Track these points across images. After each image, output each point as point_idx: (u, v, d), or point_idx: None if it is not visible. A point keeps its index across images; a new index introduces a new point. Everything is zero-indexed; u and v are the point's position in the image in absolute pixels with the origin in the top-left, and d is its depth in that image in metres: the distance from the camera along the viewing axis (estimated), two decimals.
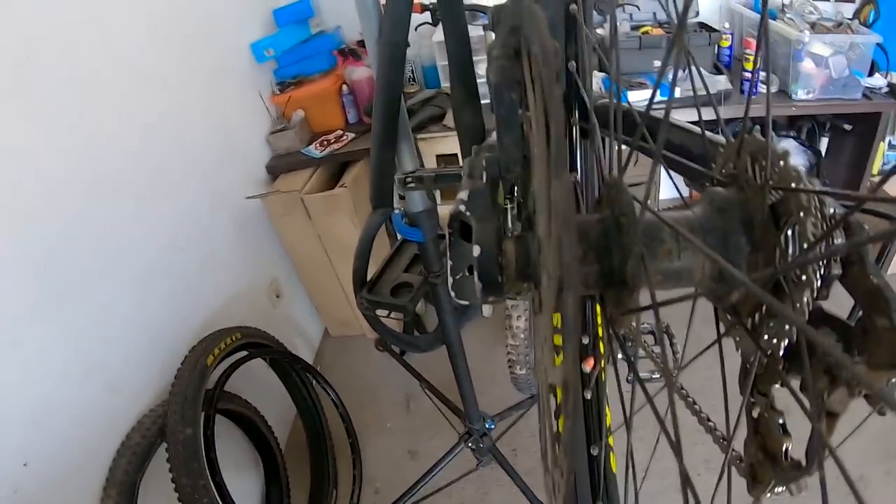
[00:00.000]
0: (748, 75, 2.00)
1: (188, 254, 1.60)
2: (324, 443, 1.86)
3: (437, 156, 1.95)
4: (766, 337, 0.31)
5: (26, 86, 1.15)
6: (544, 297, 0.30)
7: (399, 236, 1.16)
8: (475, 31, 1.89)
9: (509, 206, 0.43)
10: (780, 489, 0.33)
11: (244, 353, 1.61)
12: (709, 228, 0.32)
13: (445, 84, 2.17)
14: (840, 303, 0.30)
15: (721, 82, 1.99)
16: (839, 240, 0.28)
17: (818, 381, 0.30)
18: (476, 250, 0.34)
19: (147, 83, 1.52)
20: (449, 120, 1.99)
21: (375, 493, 1.82)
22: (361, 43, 2.25)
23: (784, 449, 0.32)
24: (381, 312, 1.17)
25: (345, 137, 2.12)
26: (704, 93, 0.47)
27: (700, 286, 0.33)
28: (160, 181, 1.52)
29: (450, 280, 0.37)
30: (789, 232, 0.29)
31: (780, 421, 0.33)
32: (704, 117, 0.44)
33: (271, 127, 2.17)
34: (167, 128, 1.58)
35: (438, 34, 2.08)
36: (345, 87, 2.19)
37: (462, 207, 0.35)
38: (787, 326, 0.29)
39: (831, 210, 0.28)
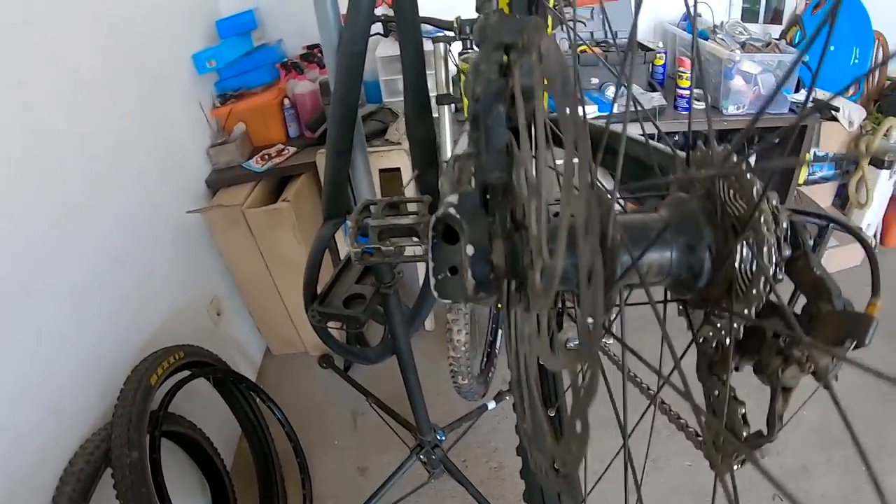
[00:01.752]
0: (682, 92, 2.08)
1: (126, 269, 1.55)
2: (271, 463, 1.81)
3: (380, 170, 1.95)
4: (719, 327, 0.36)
5: None
6: (533, 295, 0.33)
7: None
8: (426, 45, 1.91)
9: None
10: (741, 459, 0.36)
11: (187, 372, 1.55)
12: (680, 236, 0.36)
13: (387, 99, 2.18)
14: None
15: (656, 99, 2.07)
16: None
17: (772, 361, 0.34)
18: (470, 249, 0.36)
19: (86, 90, 1.47)
20: (391, 134, 2.00)
21: None
22: (304, 56, 2.24)
23: (741, 414, 0.37)
24: (332, 325, 1.16)
25: (286, 151, 2.10)
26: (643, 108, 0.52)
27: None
28: (97, 192, 1.46)
29: (432, 281, 0.39)
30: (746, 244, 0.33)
31: (734, 398, 0.37)
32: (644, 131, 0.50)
33: (212, 140, 2.12)
34: (105, 137, 1.52)
35: (382, 49, 2.09)
36: (287, 101, 2.16)
37: (452, 210, 0.37)
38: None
39: (784, 212, 0.33)
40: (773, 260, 0.32)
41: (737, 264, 0.33)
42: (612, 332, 0.39)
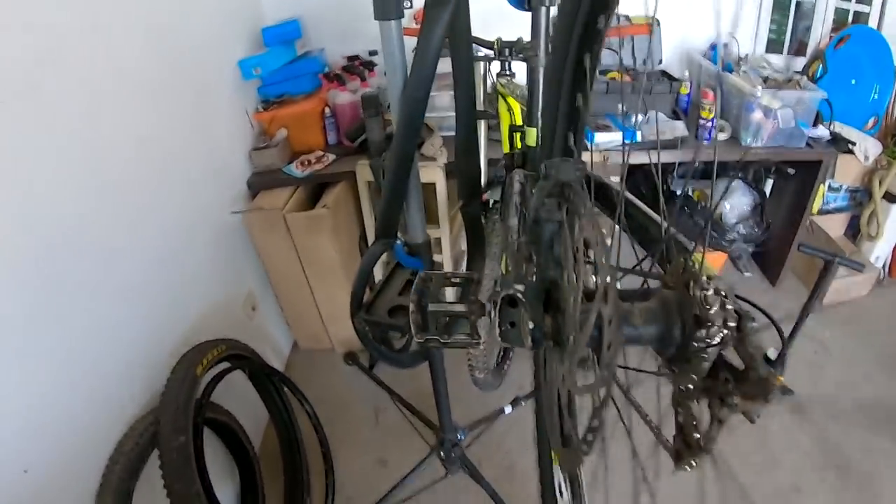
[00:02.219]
0: (704, 123, 2.17)
1: (171, 266, 1.65)
2: (297, 453, 1.92)
3: None
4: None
5: (35, 91, 1.17)
6: (567, 356, 0.51)
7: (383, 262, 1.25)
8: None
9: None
10: (694, 463, 0.52)
11: (227, 364, 1.67)
12: (659, 321, 0.53)
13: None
14: None
15: (679, 128, 2.17)
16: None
17: (714, 402, 0.51)
18: (530, 324, 0.56)
19: (141, 95, 1.55)
20: (427, 149, 2.10)
21: (348, 501, 1.90)
22: (346, 68, 2.35)
23: (696, 438, 0.52)
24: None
25: (325, 159, 2.21)
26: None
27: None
28: (150, 193, 1.56)
29: (496, 331, 0.57)
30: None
31: (694, 423, 0.53)
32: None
33: (253, 143, 2.23)
34: (157, 140, 1.62)
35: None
36: (327, 110, 2.28)
37: (519, 294, 0.55)
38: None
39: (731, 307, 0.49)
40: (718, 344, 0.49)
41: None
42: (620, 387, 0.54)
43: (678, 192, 2.63)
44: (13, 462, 1.07)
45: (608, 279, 0.42)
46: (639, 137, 2.13)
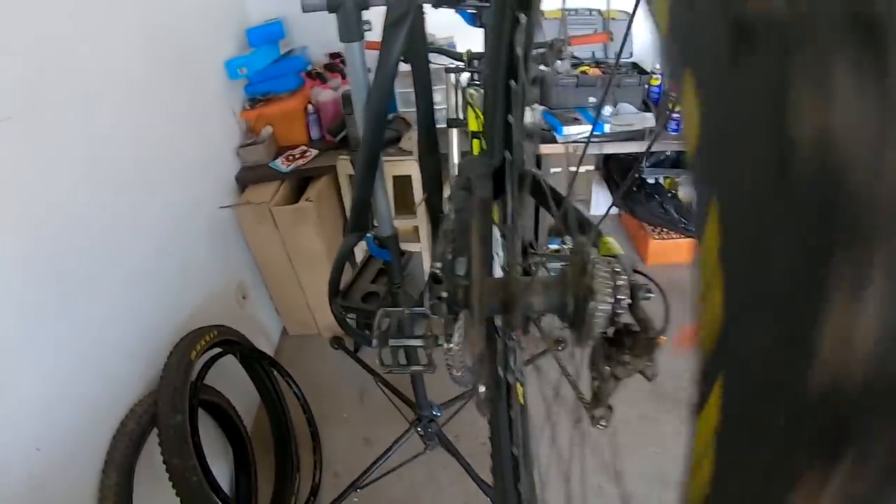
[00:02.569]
0: (673, 115, 2.27)
1: (168, 258, 1.75)
2: (287, 432, 2.05)
3: (394, 176, 2.16)
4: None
5: (40, 101, 1.26)
6: (473, 314, 0.60)
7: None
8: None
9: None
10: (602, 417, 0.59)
11: (219, 349, 1.78)
12: (558, 289, 0.62)
13: (402, 109, 2.38)
14: None
15: (649, 119, 2.27)
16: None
17: (615, 364, 0.57)
18: (445, 294, 0.64)
19: (136, 96, 1.64)
20: (405, 143, 2.21)
21: (335, 477, 2.03)
22: (328, 66, 2.44)
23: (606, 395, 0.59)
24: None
25: (309, 153, 2.31)
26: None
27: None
28: (147, 190, 1.65)
29: (428, 303, 0.66)
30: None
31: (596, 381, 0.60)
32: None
33: (240, 140, 2.33)
34: (152, 139, 1.71)
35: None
36: (310, 107, 2.38)
37: (438, 271, 0.65)
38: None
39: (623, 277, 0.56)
40: (607, 311, 0.56)
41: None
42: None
43: (649, 181, 2.73)
44: (27, 442, 1.17)
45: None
46: (607, 129, 2.23)
